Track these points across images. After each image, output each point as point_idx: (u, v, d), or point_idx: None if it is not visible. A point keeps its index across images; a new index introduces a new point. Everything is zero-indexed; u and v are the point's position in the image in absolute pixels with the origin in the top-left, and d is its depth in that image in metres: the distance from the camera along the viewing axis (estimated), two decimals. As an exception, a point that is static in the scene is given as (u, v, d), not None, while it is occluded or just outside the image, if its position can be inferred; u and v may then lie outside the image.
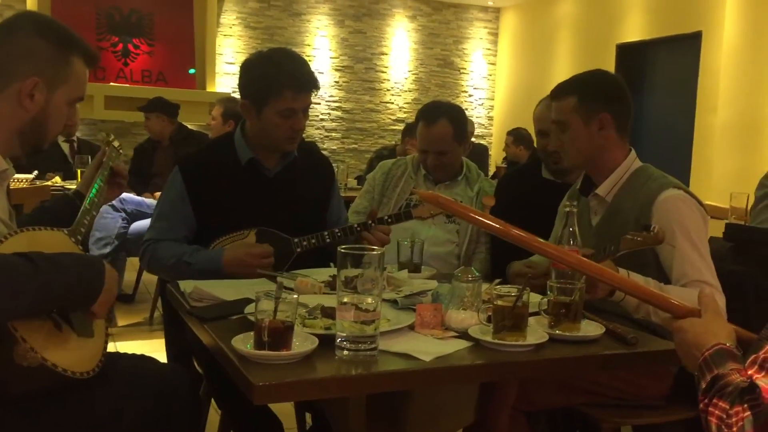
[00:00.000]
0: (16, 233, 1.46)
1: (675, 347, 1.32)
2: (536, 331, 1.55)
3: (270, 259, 2.14)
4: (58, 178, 4.61)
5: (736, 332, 1.28)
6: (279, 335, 1.34)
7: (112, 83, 7.60)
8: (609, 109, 2.09)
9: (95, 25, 7.66)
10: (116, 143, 1.92)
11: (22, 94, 1.53)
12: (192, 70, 8.05)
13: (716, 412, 1.09)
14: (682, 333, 1.29)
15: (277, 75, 2.20)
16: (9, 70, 1.53)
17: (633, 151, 2.15)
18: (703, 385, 1.15)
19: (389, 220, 2.29)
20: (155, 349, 3.91)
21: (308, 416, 2.50)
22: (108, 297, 1.45)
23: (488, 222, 1.34)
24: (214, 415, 2.42)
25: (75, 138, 5.27)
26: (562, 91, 2.15)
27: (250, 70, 2.30)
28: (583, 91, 2.11)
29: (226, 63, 8.26)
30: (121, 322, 4.62)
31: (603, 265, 1.73)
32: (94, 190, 1.78)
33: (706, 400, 1.13)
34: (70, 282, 1.37)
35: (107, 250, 4.38)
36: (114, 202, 3.97)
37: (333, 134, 8.89)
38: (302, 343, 1.39)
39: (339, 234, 2.25)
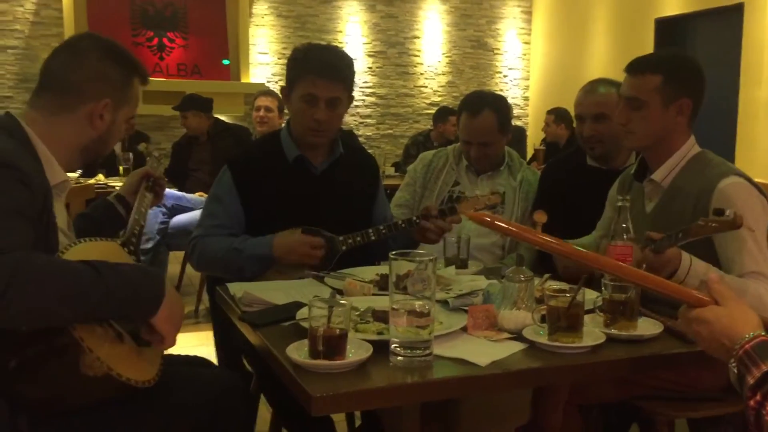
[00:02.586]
0: (75, 244, 1.50)
1: (696, 338, 1.27)
2: (592, 332, 1.52)
3: (320, 250, 2.15)
4: (101, 176, 4.68)
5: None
6: (334, 343, 1.34)
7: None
8: (691, 95, 2.01)
9: (130, 20, 7.73)
10: (156, 153, 2.00)
11: (94, 114, 1.60)
12: (226, 61, 8.08)
13: None
14: (705, 323, 1.24)
15: (304, 59, 2.25)
16: (82, 91, 1.60)
17: (692, 137, 2.08)
18: (751, 381, 1.11)
19: (434, 215, 2.27)
20: (202, 342, 3.98)
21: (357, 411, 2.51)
22: (172, 313, 1.44)
23: (544, 240, 1.31)
24: (264, 410, 2.45)
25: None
26: (644, 66, 2.02)
27: (289, 59, 2.34)
28: (669, 71, 2.00)
29: (259, 53, 8.26)
30: (167, 315, 4.67)
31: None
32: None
33: (758, 398, 1.09)
34: (131, 290, 1.38)
35: (149, 245, 4.44)
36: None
37: (368, 120, 8.86)
38: (356, 350, 1.38)
39: (384, 231, 2.24)
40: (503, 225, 1.32)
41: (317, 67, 2.22)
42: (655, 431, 1.95)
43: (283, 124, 2.37)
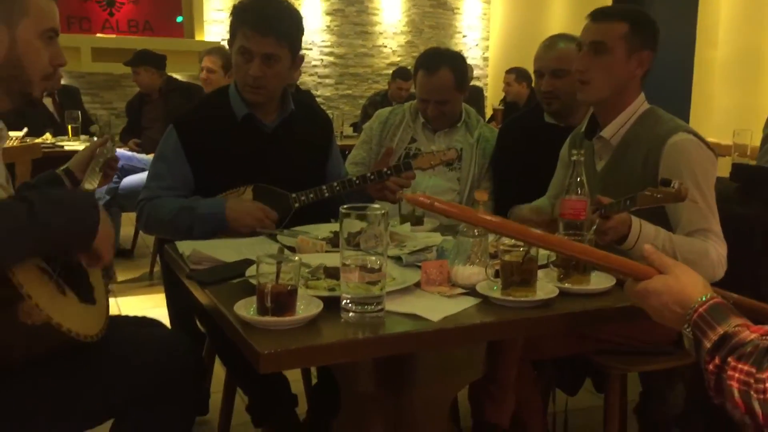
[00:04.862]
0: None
1: (647, 310, 1.24)
2: (545, 286, 1.51)
3: (272, 221, 2.10)
4: (48, 135, 4.54)
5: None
6: (282, 300, 1.30)
7: (98, 34, 7.42)
8: (652, 48, 2.00)
9: (78, -27, 7.45)
10: (110, 144, 1.89)
11: None
12: (179, 18, 7.85)
13: (737, 375, 1.02)
14: (655, 295, 1.21)
15: (240, 12, 2.17)
16: None
17: (642, 94, 2.07)
18: (708, 345, 1.08)
19: (388, 172, 2.23)
20: (156, 304, 3.92)
21: (313, 369, 2.49)
22: (106, 234, 1.42)
23: (486, 219, 1.28)
24: (219, 370, 2.42)
25: (54, 92, 5.15)
26: (610, 14, 2.01)
27: (231, 11, 2.26)
28: (636, 21, 1.98)
29: (214, 10, 8.05)
30: (121, 277, 4.61)
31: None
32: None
33: (717, 361, 1.06)
34: (68, 216, 1.34)
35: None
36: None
37: (326, 80, 8.74)
38: (306, 306, 1.35)
39: (338, 187, 2.20)
40: (442, 206, 1.27)
41: (252, 19, 2.12)
42: (608, 385, 1.98)
43: (230, 83, 2.28)
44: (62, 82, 5.47)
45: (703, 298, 1.15)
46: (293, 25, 2.20)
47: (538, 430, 2.05)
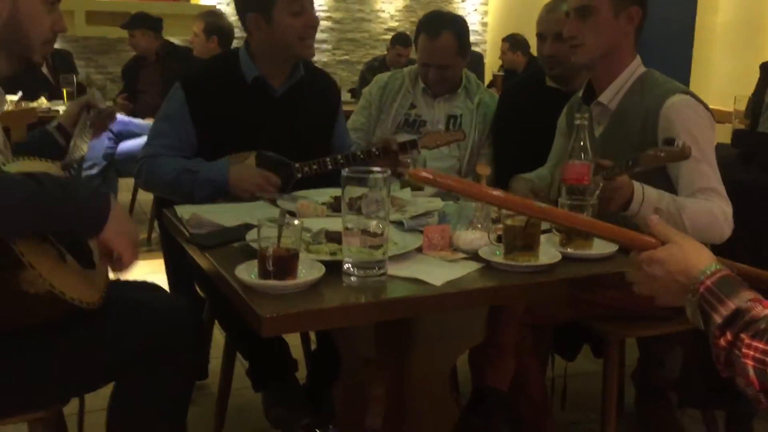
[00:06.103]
0: (13, 161, 1.43)
1: (647, 280, 1.22)
2: (548, 251, 1.50)
3: (274, 188, 2.08)
4: (44, 99, 4.49)
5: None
6: (284, 263, 1.30)
7: (92, -3, 7.31)
8: (640, 3, 1.98)
9: (70, -66, 7.29)
10: (98, 94, 1.87)
11: None
12: (175, -20, 7.73)
13: (752, 353, 1.00)
14: (659, 263, 1.19)
15: None
16: None
17: (638, 57, 2.05)
18: (718, 320, 1.06)
19: (395, 149, 2.21)
20: (154, 269, 3.90)
21: (313, 334, 2.50)
22: (122, 228, 1.39)
23: (489, 194, 1.27)
24: (219, 336, 2.42)
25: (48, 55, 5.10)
26: None
27: None
28: None
29: (210, -27, 7.94)
30: (119, 243, 4.59)
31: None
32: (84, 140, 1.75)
33: (729, 337, 1.04)
34: (76, 202, 1.32)
35: (94, 171, 4.32)
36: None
37: (324, 46, 8.64)
38: (308, 270, 1.34)
39: (342, 161, 2.18)
40: (446, 181, 1.26)
41: None
42: (606, 350, 1.99)
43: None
44: (55, 45, 5.39)
45: (710, 270, 1.12)
46: None
47: (537, 394, 2.06)
